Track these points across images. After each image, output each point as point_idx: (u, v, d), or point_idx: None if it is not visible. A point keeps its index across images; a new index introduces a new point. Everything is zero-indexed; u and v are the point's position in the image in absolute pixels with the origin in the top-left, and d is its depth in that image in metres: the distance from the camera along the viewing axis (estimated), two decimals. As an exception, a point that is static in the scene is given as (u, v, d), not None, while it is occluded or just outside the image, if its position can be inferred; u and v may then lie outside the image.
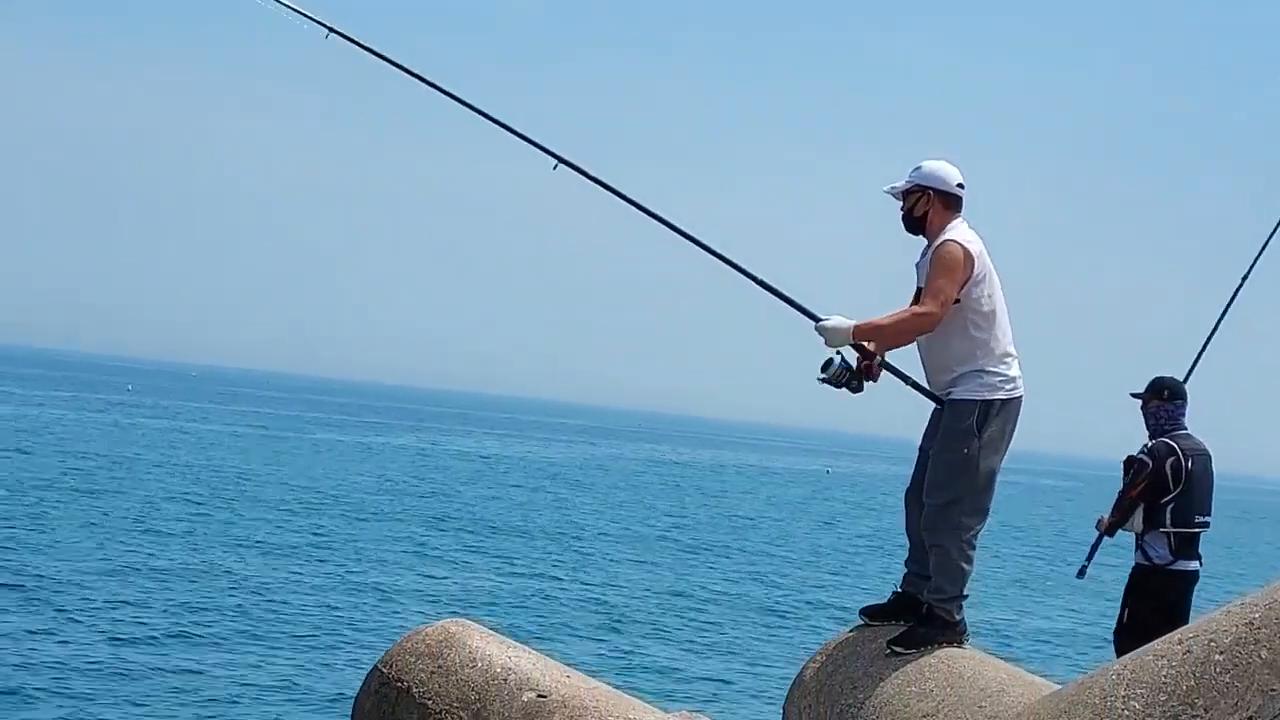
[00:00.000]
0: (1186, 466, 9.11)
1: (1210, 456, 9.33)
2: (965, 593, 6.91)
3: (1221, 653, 5.18)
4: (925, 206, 7.13)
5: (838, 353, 7.04)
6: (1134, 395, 9.47)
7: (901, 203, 7.19)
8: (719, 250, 7.43)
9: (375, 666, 7.24)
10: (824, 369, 7.08)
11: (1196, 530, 9.18)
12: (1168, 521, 9.10)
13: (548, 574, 29.67)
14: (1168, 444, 9.16)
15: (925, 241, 7.19)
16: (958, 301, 6.93)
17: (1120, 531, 9.36)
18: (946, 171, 7.15)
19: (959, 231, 7.02)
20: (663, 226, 7.54)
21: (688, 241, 7.45)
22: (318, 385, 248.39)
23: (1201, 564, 9.31)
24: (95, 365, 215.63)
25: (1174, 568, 9.17)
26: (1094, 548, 9.60)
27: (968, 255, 6.94)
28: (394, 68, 7.99)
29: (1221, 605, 5.58)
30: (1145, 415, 9.41)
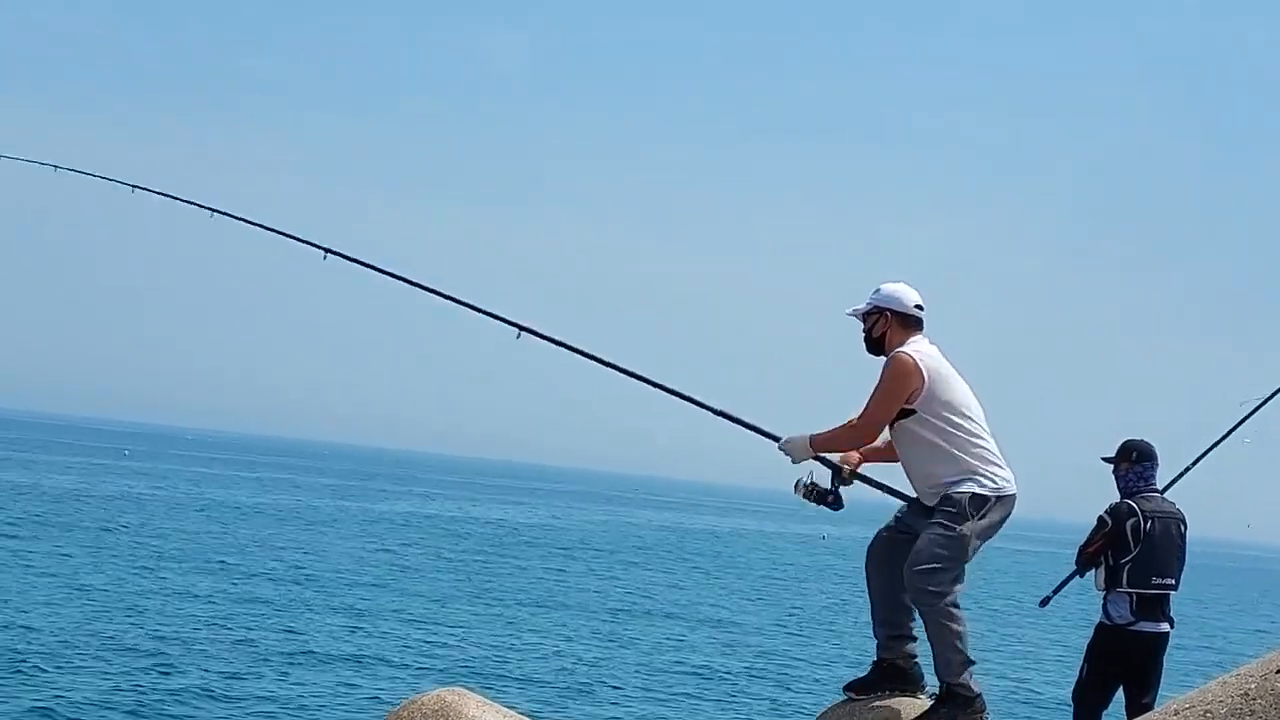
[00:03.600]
0: (1145, 528, 9.10)
1: (1179, 520, 9.29)
2: (972, 658, 6.90)
3: (1218, 724, 5.19)
4: (884, 327, 7.25)
5: (809, 472, 7.18)
6: (1105, 459, 9.47)
7: (863, 324, 7.34)
8: (685, 392, 7.68)
9: (372, 735, 7.23)
10: (795, 489, 7.26)
11: (1157, 592, 9.12)
12: (1124, 582, 9.08)
13: (546, 643, 29.56)
14: (1129, 504, 9.18)
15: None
16: (913, 413, 7.00)
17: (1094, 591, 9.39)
18: (904, 293, 7.29)
19: (914, 344, 7.11)
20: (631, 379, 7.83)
21: (655, 388, 7.74)
22: (297, 448, 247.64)
23: (1173, 627, 9.26)
24: (78, 429, 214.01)
25: (1135, 629, 9.12)
26: (1063, 582, 9.59)
27: (915, 367, 7.00)
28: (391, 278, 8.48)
29: (1216, 676, 5.59)
30: (1116, 478, 9.39)
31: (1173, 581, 9.19)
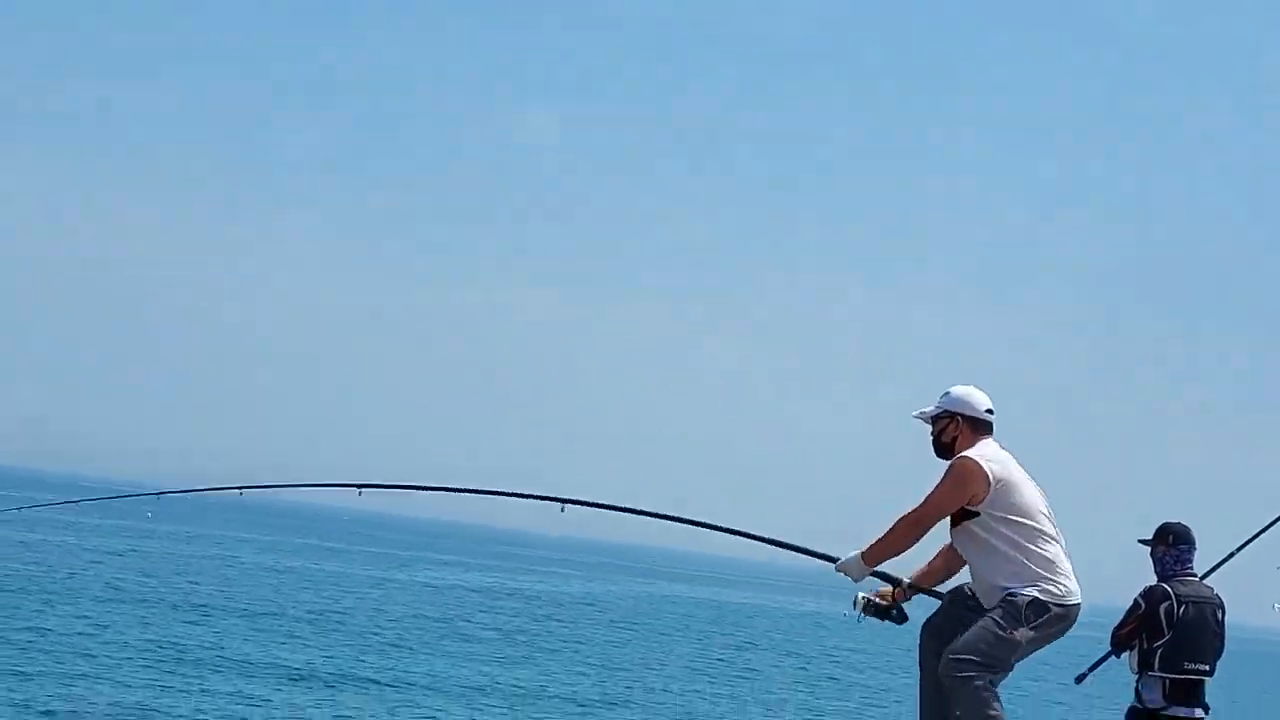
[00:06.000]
0: (1179, 612, 9.15)
1: (1217, 605, 9.33)
2: None
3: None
4: (954, 432, 7.30)
5: (867, 592, 7.51)
6: (1142, 541, 9.56)
7: (931, 427, 7.41)
8: (737, 528, 8.44)
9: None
10: (854, 606, 7.56)
11: (1190, 678, 9.16)
12: (1157, 666, 9.15)
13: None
14: (1164, 588, 9.27)
15: None
16: (976, 515, 7.00)
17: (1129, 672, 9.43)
18: (975, 397, 7.32)
19: (981, 448, 7.09)
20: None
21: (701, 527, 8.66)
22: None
23: (1207, 713, 9.27)
24: (80, 488, 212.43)
25: (1167, 713, 9.14)
26: (1099, 661, 9.66)
27: (980, 472, 6.96)
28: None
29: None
30: (1153, 561, 9.49)
31: (1207, 667, 9.25)
